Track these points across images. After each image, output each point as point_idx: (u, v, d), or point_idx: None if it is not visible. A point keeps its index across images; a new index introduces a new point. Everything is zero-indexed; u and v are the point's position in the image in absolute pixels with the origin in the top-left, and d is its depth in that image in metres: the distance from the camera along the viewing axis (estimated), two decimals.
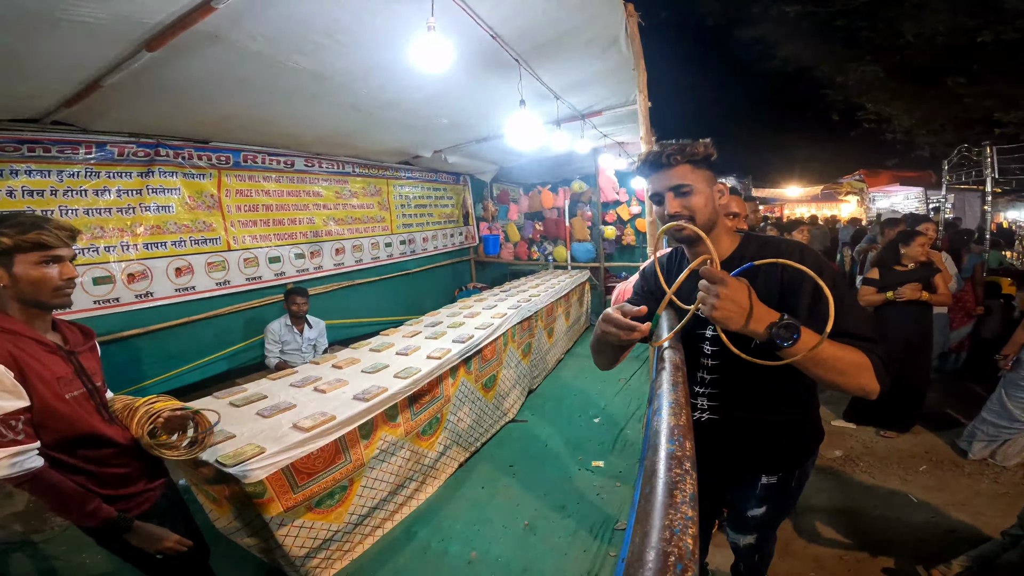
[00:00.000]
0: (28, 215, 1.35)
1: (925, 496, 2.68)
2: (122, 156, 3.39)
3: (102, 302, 3.33)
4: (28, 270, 1.30)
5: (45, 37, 1.96)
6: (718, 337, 1.29)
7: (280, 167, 4.50)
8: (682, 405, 0.68)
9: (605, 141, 5.44)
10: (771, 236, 1.33)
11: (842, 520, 2.52)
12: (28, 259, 1.30)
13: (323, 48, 2.43)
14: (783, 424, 1.34)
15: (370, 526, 2.40)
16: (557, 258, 6.88)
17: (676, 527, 0.44)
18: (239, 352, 4.15)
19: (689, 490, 0.48)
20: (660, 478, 0.51)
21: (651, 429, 0.65)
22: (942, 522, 2.47)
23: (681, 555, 0.41)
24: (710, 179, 1.22)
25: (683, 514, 0.45)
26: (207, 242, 3.93)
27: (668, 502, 0.47)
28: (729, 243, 1.28)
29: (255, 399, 2.37)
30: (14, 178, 2.93)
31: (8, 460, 1.20)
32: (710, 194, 1.21)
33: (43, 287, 1.32)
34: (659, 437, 0.59)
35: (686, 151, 1.19)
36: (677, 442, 0.57)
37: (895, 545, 2.32)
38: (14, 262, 1.29)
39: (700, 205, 1.19)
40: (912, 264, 3.20)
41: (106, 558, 2.28)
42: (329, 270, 5.05)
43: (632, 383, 4.31)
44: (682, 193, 1.19)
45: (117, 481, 1.47)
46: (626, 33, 2.68)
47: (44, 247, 1.31)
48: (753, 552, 1.61)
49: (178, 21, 1.97)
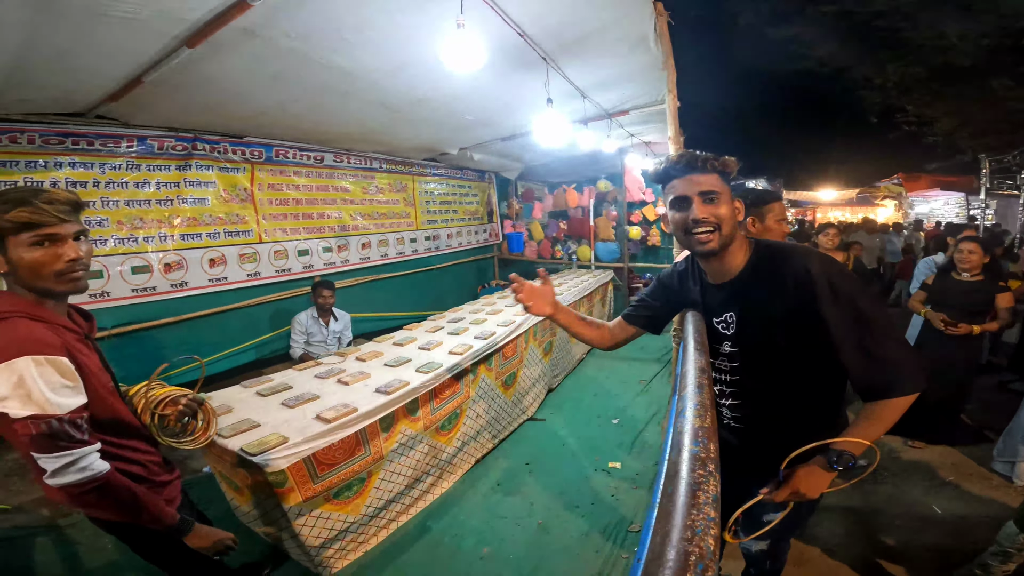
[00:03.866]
0: (17, 189, 1.17)
1: (949, 508, 2.60)
2: (161, 150, 3.51)
3: (140, 291, 3.47)
4: (22, 253, 1.12)
5: (91, 32, 2.03)
6: (737, 352, 1.28)
7: (310, 162, 4.60)
8: (707, 407, 0.68)
9: (632, 140, 5.38)
10: (782, 243, 1.30)
11: (861, 529, 2.45)
12: (20, 241, 1.11)
13: (354, 45, 2.47)
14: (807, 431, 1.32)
15: (385, 519, 2.43)
16: (581, 257, 6.85)
17: (698, 527, 0.43)
18: (266, 343, 4.27)
19: (712, 491, 0.48)
20: (683, 478, 0.51)
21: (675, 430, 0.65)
22: (965, 536, 2.38)
23: (702, 555, 0.41)
24: (732, 196, 1.22)
25: (706, 515, 0.45)
26: (240, 234, 4.05)
27: (691, 502, 0.46)
28: (743, 256, 1.26)
29: (281, 389, 2.42)
30: (58, 170, 3.08)
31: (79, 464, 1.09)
32: (733, 208, 1.20)
33: (42, 272, 1.14)
34: (683, 438, 0.59)
35: (719, 160, 1.18)
36: (702, 444, 0.56)
37: (914, 557, 2.26)
38: (7, 245, 1.11)
39: (727, 215, 1.17)
40: (969, 275, 2.95)
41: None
42: (355, 264, 5.14)
43: (653, 385, 4.26)
44: (711, 200, 1.17)
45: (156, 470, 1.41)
46: (655, 32, 2.64)
47: (33, 226, 1.11)
48: (765, 559, 1.58)
49: (217, 17, 2.03)
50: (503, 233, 7.62)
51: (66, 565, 2.30)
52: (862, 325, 1.07)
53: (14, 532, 2.49)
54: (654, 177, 1.30)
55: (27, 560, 2.32)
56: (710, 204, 1.16)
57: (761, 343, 1.23)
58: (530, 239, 7.53)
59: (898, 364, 1.06)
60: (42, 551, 2.39)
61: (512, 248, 7.50)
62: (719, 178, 1.18)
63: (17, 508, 2.69)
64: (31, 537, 2.46)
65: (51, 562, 2.32)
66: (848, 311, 1.08)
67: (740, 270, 1.24)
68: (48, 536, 2.48)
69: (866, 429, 1.10)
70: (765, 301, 1.19)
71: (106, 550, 2.36)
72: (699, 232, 1.17)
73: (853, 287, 1.10)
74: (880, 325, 1.08)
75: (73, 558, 2.34)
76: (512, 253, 7.51)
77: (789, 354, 1.19)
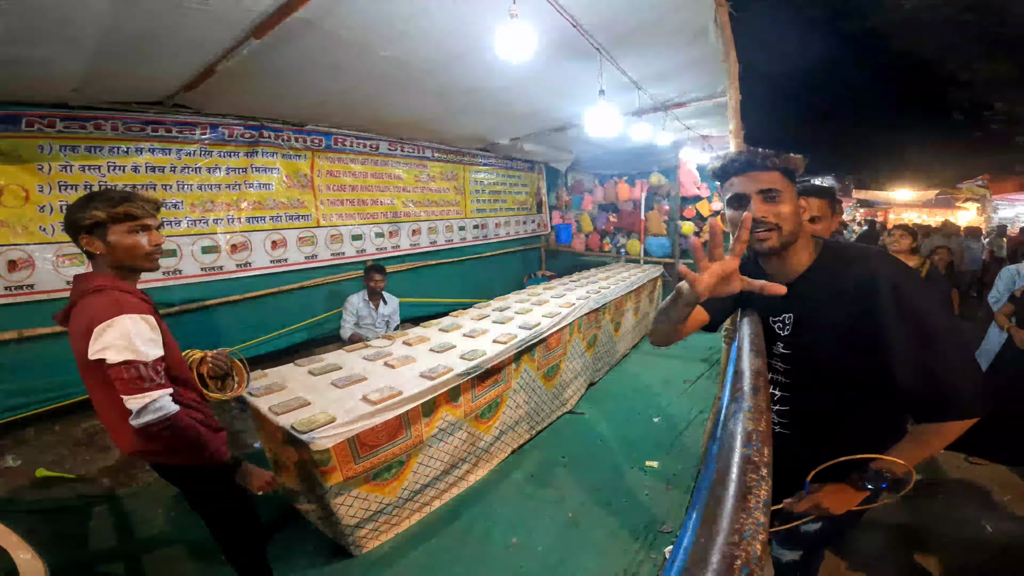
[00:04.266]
0: (117, 190, 1.49)
1: (1001, 526, 2.41)
2: (231, 137, 3.72)
3: (208, 269, 3.70)
4: (121, 238, 1.45)
5: (168, 22, 2.16)
6: (790, 355, 1.22)
7: (366, 150, 4.74)
8: (763, 411, 0.65)
9: (688, 134, 5.20)
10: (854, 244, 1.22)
11: (908, 542, 2.31)
12: (120, 229, 1.45)
13: (409, 36, 2.51)
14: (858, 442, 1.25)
15: (419, 502, 2.49)
16: (630, 251, 6.73)
17: (746, 531, 0.42)
18: (320, 323, 4.47)
19: (763, 496, 0.46)
20: (733, 481, 0.49)
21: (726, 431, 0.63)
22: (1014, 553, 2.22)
23: (748, 559, 0.40)
24: (796, 194, 1.16)
25: (755, 519, 0.43)
26: (299, 218, 4.24)
27: (740, 505, 0.45)
28: (808, 256, 1.20)
29: (331, 369, 2.53)
30: (139, 155, 3.31)
31: (156, 403, 1.35)
32: (797, 207, 1.15)
33: (136, 253, 1.47)
34: (735, 440, 0.57)
35: (781, 158, 1.13)
36: (755, 447, 0.54)
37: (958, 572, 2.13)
38: (108, 232, 1.43)
39: (789, 214, 1.11)
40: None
41: (180, 514, 2.52)
42: (405, 250, 5.27)
43: (697, 386, 4.14)
44: (771, 198, 1.11)
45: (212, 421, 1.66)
46: (715, 23, 2.53)
47: (133, 217, 1.45)
48: (795, 571, 1.51)
49: (280, 8, 2.11)
50: (551, 224, 7.58)
51: (121, 534, 2.46)
52: (924, 340, 0.99)
53: (75, 501, 2.68)
54: (712, 173, 1.25)
55: (85, 528, 2.48)
56: (771, 203, 1.11)
57: (816, 347, 1.17)
58: (578, 231, 7.45)
59: (958, 385, 0.98)
60: (99, 519, 2.56)
61: (560, 239, 7.45)
62: (781, 176, 1.13)
63: (81, 478, 2.90)
64: (90, 507, 2.64)
65: (107, 530, 2.48)
66: (911, 324, 1.00)
67: (804, 270, 1.19)
68: (106, 505, 2.66)
69: (911, 451, 1.06)
70: (826, 304, 1.13)
71: (158, 521, 2.53)
72: (758, 231, 1.12)
73: (923, 297, 1.03)
74: (948, 341, 0.99)
75: (128, 528, 2.50)
76: (560, 244, 7.47)
77: (845, 361, 1.13)
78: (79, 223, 1.41)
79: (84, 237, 1.43)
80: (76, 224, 1.42)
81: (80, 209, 1.41)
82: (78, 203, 1.43)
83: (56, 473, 2.87)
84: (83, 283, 1.44)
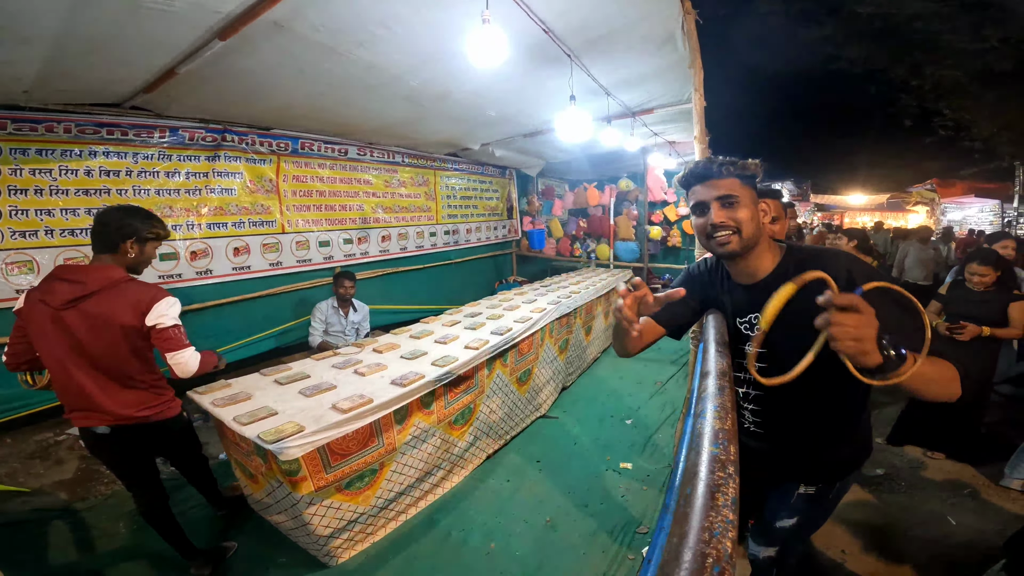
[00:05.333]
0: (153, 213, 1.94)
1: (965, 520, 2.52)
2: (192, 141, 3.60)
3: (166, 277, 3.56)
4: (151, 251, 1.94)
5: (127, 23, 2.08)
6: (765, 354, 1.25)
7: (334, 155, 4.66)
8: (728, 410, 0.67)
9: (655, 140, 5.32)
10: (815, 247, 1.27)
11: (875, 538, 2.40)
12: (155, 244, 1.94)
13: (380, 39, 2.49)
14: (831, 437, 1.30)
15: (394, 511, 2.45)
16: (600, 256, 6.81)
17: (716, 529, 0.43)
18: (287, 331, 4.35)
19: (731, 494, 0.47)
20: (702, 480, 0.50)
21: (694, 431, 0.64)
22: (980, 546, 2.32)
23: (719, 557, 0.40)
24: (755, 198, 1.20)
25: (724, 517, 0.44)
26: (264, 224, 4.13)
27: (709, 504, 0.46)
28: (772, 259, 1.24)
29: (299, 378, 2.46)
30: (93, 159, 3.18)
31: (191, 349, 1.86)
32: (755, 211, 1.19)
33: (150, 261, 1.97)
34: (702, 440, 0.58)
35: (737, 164, 1.18)
36: (721, 446, 0.55)
37: (928, 566, 2.21)
38: (147, 244, 1.90)
39: (746, 219, 1.16)
40: (983, 286, 2.86)
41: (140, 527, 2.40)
42: (375, 256, 5.20)
43: (667, 387, 4.22)
44: (729, 204, 1.17)
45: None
46: (683, 30, 2.60)
47: (161, 237, 1.96)
48: (772, 566, 1.55)
49: (248, 10, 2.07)
50: (522, 229, 7.61)
51: (81, 548, 2.35)
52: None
53: (32, 515, 2.54)
54: (679, 182, 1.31)
55: (43, 543, 2.35)
56: (728, 208, 1.17)
57: (786, 344, 1.21)
58: (549, 236, 7.51)
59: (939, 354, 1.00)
60: (58, 534, 2.43)
61: (531, 245, 7.50)
62: (739, 182, 1.18)
63: (36, 491, 2.76)
64: (48, 521, 2.51)
65: (66, 545, 2.36)
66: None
67: (769, 272, 1.22)
68: (64, 519, 2.53)
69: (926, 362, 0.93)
70: (792, 302, 1.16)
71: (119, 534, 2.42)
72: (718, 235, 1.17)
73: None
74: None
75: (87, 541, 2.39)
76: (531, 250, 7.51)
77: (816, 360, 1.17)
78: (135, 232, 1.84)
79: (131, 242, 1.84)
80: (132, 232, 1.83)
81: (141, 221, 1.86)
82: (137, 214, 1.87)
83: (9, 487, 2.73)
84: (106, 273, 1.79)
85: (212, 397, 2.20)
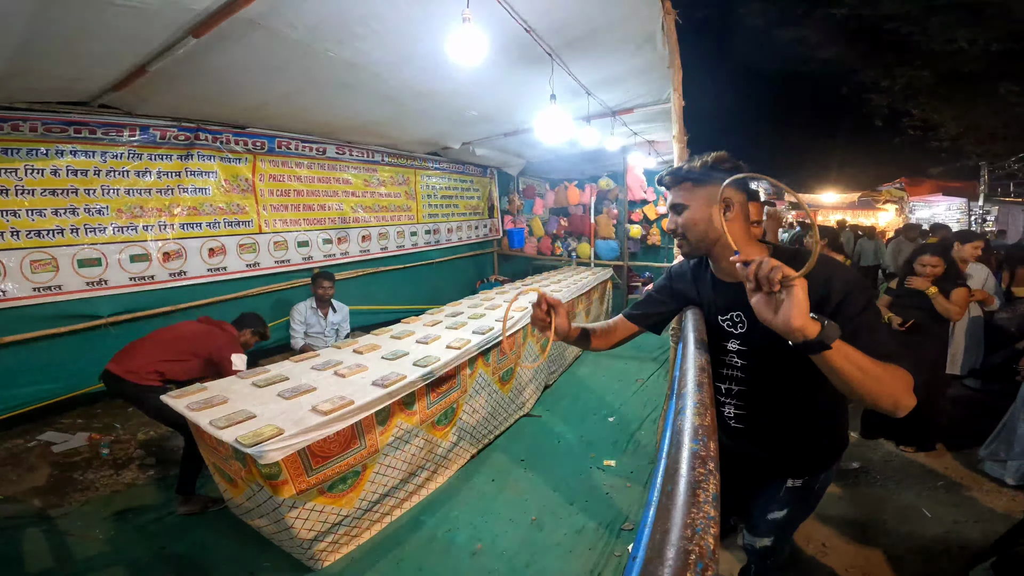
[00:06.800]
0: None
1: (940, 512, 2.61)
2: (164, 139, 3.50)
3: (138, 279, 3.46)
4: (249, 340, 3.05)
5: (97, 20, 2.02)
6: (745, 351, 1.27)
7: (312, 154, 4.59)
8: (707, 406, 0.68)
9: (635, 139, 5.37)
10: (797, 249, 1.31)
11: (853, 531, 2.46)
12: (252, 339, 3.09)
13: (359, 37, 2.46)
14: (812, 430, 1.33)
15: (379, 513, 2.43)
16: (581, 255, 6.85)
17: (698, 526, 0.43)
18: None
19: (712, 490, 0.48)
20: (683, 476, 0.51)
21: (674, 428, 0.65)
22: (955, 538, 2.40)
23: (702, 554, 0.41)
24: (711, 196, 1.19)
25: (705, 513, 0.45)
26: (240, 224, 4.04)
27: (691, 501, 0.47)
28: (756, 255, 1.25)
29: (277, 380, 2.42)
30: (60, 158, 3.07)
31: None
32: (706, 212, 1.21)
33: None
34: (682, 436, 0.59)
35: (682, 172, 1.25)
36: (701, 442, 0.56)
37: (905, 559, 2.27)
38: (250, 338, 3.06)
39: (689, 223, 1.24)
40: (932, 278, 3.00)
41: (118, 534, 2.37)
42: (355, 256, 5.14)
43: (649, 384, 4.27)
44: (677, 211, 1.27)
45: None
46: (662, 31, 2.63)
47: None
48: (768, 555, 1.60)
49: (223, 7, 2.02)
50: (503, 228, 7.61)
51: (56, 556, 2.27)
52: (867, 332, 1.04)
53: (3, 523, 2.46)
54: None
55: (17, 551, 2.28)
56: (676, 215, 1.27)
57: (770, 344, 1.23)
58: (530, 235, 7.52)
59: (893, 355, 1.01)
60: (32, 542, 2.36)
61: (512, 244, 7.49)
62: (691, 185, 1.24)
63: (8, 499, 2.67)
64: (21, 528, 2.43)
65: (41, 553, 2.29)
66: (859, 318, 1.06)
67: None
68: (39, 527, 2.45)
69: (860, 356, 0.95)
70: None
71: (96, 541, 2.36)
72: (676, 240, 1.28)
73: (865, 294, 1.09)
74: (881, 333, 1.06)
75: (63, 549, 2.32)
76: (512, 249, 7.51)
77: (798, 357, 1.19)
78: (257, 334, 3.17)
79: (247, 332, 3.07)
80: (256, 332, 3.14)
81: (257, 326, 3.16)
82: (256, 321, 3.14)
83: None
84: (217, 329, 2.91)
85: (187, 401, 2.15)
